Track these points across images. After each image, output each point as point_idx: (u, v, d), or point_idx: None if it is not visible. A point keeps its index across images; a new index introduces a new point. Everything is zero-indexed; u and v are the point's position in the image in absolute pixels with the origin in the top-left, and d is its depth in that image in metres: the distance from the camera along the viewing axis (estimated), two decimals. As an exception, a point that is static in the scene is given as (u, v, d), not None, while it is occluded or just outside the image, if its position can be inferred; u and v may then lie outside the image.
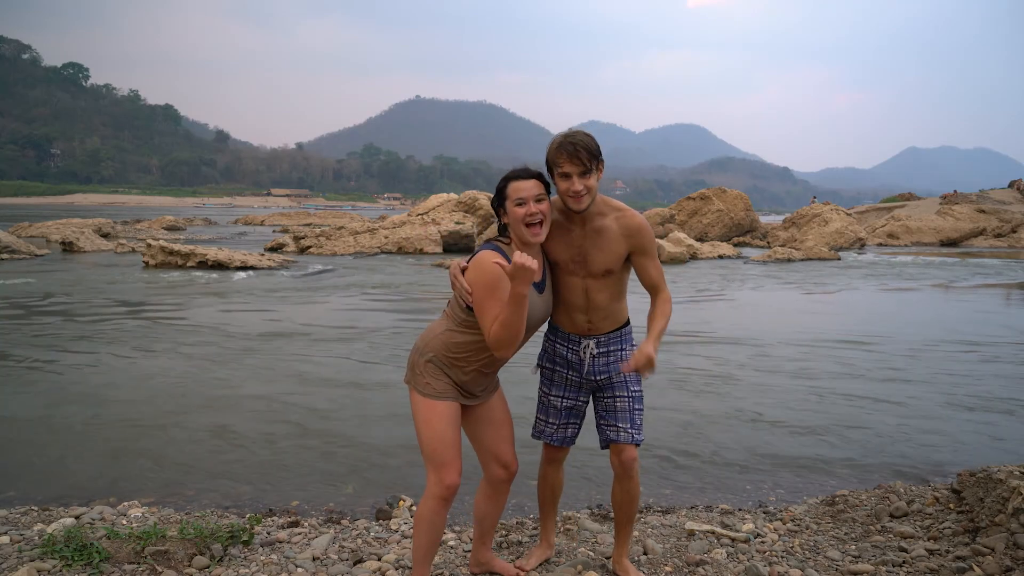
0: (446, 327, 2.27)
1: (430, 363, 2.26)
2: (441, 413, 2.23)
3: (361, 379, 6.18)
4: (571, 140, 2.17)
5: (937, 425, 5.11)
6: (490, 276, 2.11)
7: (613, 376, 2.43)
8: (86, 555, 2.60)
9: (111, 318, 9.12)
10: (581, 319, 2.39)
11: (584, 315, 2.39)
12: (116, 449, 4.36)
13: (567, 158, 2.16)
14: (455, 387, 2.28)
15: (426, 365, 2.26)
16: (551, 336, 2.51)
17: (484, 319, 2.12)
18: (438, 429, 2.22)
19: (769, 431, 4.90)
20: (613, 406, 2.44)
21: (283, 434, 4.69)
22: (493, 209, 2.30)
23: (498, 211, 2.27)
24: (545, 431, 2.55)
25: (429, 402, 2.24)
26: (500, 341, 2.09)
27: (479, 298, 2.12)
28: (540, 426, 2.57)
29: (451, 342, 2.24)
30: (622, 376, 2.43)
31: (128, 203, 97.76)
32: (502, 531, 3.14)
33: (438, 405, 2.24)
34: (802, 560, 2.85)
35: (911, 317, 10.86)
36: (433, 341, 2.28)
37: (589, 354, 2.41)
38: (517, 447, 2.50)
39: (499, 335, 2.08)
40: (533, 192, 2.17)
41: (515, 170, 2.24)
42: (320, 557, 2.84)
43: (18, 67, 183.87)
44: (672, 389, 5.94)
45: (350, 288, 12.87)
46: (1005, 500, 2.78)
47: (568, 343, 2.45)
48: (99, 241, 20.89)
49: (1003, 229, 32.61)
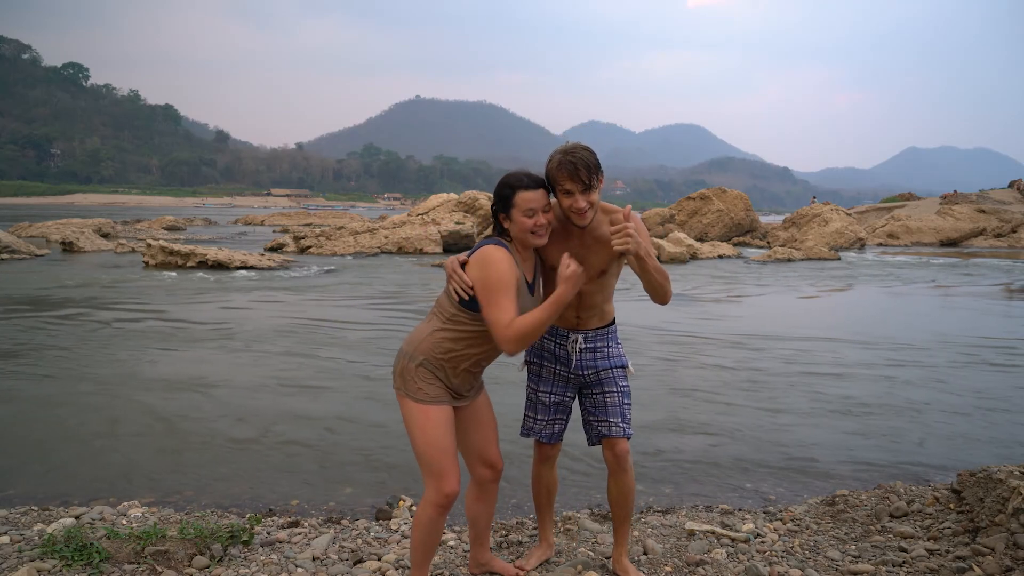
0: (435, 327, 2.24)
1: (421, 367, 2.21)
2: (436, 420, 2.19)
3: (360, 379, 6.18)
4: (571, 158, 2.15)
5: (937, 425, 5.11)
6: (507, 272, 2.10)
7: (601, 373, 2.47)
8: (86, 555, 2.60)
9: (109, 318, 9.11)
10: (570, 314, 2.44)
11: (574, 311, 2.44)
12: (116, 449, 4.36)
13: (568, 177, 2.16)
14: (447, 390, 2.25)
15: (417, 370, 2.21)
16: None
17: (499, 314, 2.07)
18: (434, 437, 2.18)
19: (768, 431, 4.90)
20: (603, 402, 2.47)
21: (283, 434, 4.69)
22: (493, 213, 2.27)
23: (498, 215, 2.24)
24: (534, 428, 2.56)
25: (423, 408, 2.20)
26: (523, 339, 2.07)
27: (492, 293, 2.09)
28: (529, 423, 2.58)
29: (442, 341, 2.21)
30: (610, 372, 2.47)
31: (128, 203, 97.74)
32: (502, 531, 3.14)
33: (432, 411, 2.20)
34: (802, 560, 2.85)
35: (911, 317, 10.85)
36: (423, 344, 2.23)
37: (577, 348, 2.45)
38: (509, 447, 2.50)
39: (525, 332, 2.06)
40: (542, 203, 2.18)
41: (520, 178, 2.20)
42: (320, 557, 2.84)
43: (18, 67, 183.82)
44: (671, 389, 5.94)
45: (350, 288, 12.87)
46: (1005, 500, 2.78)
47: (556, 338, 2.48)
48: (99, 241, 20.89)
49: (1003, 229, 32.60)
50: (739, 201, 30.65)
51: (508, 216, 2.21)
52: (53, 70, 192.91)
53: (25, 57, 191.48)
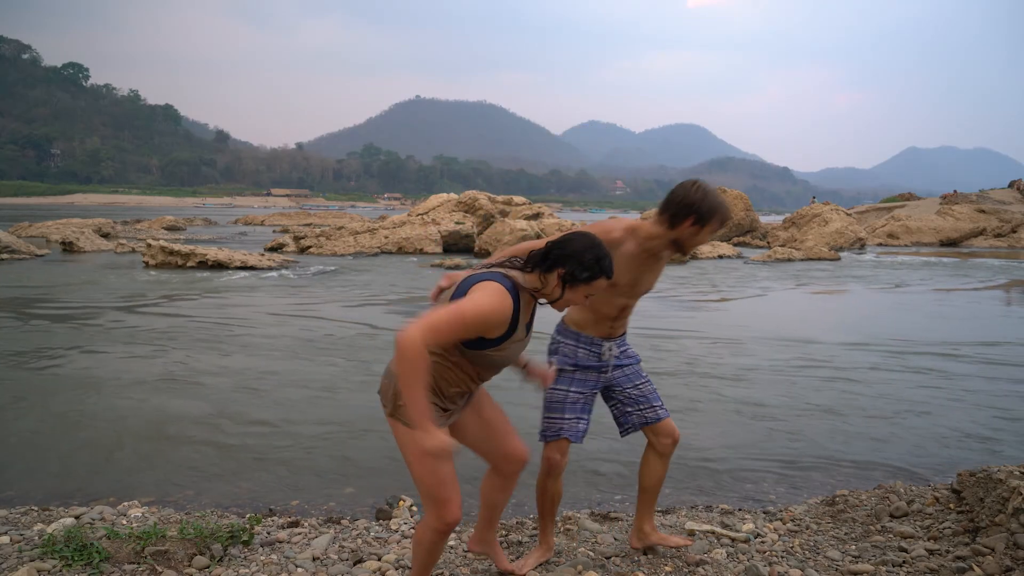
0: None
1: None
2: None
3: (360, 379, 6.17)
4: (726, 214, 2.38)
5: (938, 425, 5.11)
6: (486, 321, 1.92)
7: (626, 369, 2.65)
8: (86, 555, 2.60)
9: (109, 318, 9.11)
10: (605, 325, 2.58)
11: (609, 323, 2.57)
12: (116, 449, 4.36)
13: (719, 224, 2.37)
14: (442, 411, 2.11)
15: None
16: (572, 341, 2.60)
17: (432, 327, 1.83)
18: (433, 465, 2.00)
19: (769, 431, 4.90)
20: (640, 392, 2.65)
21: (283, 433, 4.69)
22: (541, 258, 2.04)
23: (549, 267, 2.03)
24: (563, 427, 2.59)
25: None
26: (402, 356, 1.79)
27: (455, 316, 1.87)
28: (555, 425, 2.59)
29: (432, 365, 1.99)
30: (635, 367, 2.68)
31: (128, 203, 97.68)
32: (502, 531, 3.14)
33: None
34: (802, 560, 2.85)
35: (912, 317, 10.85)
36: None
37: (611, 355, 2.61)
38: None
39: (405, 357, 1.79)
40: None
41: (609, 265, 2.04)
42: (320, 557, 2.84)
43: (18, 67, 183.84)
44: (671, 390, 5.94)
45: (350, 288, 12.87)
46: (1005, 500, 2.78)
47: (591, 346, 2.59)
48: (99, 241, 20.88)
49: (1003, 229, 32.56)
50: (739, 201, 30.62)
51: (569, 286, 2.02)
52: (53, 70, 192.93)
53: (25, 57, 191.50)
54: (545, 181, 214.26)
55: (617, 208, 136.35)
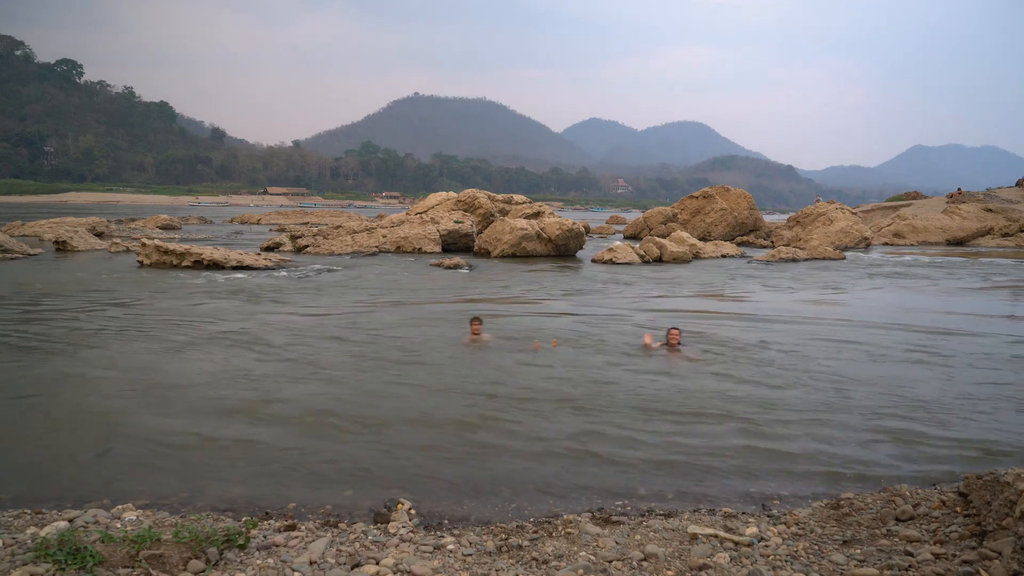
0: None
1: None
2: None
3: (359, 379, 6.12)
4: None
5: (943, 427, 5.08)
6: None
7: None
8: (80, 559, 2.56)
9: (102, 318, 9.04)
10: None
11: None
12: (110, 451, 4.31)
13: None
14: None
15: None
16: None
17: None
18: None
19: (772, 433, 4.87)
20: None
21: (279, 436, 4.63)
22: None
23: None
24: None
25: None
26: None
27: None
28: None
29: None
30: None
31: (122, 202, 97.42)
32: (502, 535, 3.09)
33: None
34: (806, 564, 2.81)
35: (913, 317, 10.83)
36: None
37: None
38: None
39: None
40: None
41: None
42: (317, 561, 2.79)
43: (11, 64, 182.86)
44: (671, 389, 5.90)
45: (347, 288, 12.81)
46: (1012, 503, 2.75)
47: None
48: (93, 240, 20.77)
49: (1010, 228, 32.19)
50: (743, 200, 30.62)
51: None
52: (46, 67, 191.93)
53: (18, 53, 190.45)
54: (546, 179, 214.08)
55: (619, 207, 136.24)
